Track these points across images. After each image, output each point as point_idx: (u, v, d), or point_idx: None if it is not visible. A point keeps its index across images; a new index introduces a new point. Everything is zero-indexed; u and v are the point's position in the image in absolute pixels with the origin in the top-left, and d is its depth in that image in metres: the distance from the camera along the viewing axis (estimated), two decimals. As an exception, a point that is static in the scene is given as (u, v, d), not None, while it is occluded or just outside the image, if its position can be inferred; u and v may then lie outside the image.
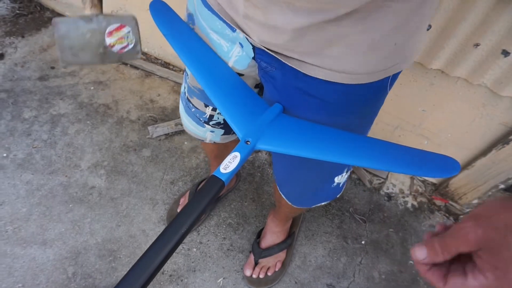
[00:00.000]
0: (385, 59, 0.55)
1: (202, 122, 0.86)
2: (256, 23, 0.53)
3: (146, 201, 1.35)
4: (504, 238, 0.33)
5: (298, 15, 0.48)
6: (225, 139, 0.93)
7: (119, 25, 0.54)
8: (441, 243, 0.36)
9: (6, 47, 1.74)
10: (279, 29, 0.51)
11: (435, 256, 0.36)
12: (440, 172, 0.53)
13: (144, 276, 0.43)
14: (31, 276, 1.16)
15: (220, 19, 0.61)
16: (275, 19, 0.50)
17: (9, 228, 1.24)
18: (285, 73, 0.59)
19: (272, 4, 0.49)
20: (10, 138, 1.44)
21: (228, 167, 0.53)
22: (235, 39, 0.62)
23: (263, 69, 0.63)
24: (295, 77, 0.58)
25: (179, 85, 1.70)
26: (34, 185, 1.34)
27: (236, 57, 0.65)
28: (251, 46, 0.60)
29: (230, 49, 0.65)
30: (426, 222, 1.43)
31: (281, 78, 0.61)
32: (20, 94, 1.57)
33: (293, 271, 1.26)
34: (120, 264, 1.21)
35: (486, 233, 0.33)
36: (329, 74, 0.55)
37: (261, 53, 0.60)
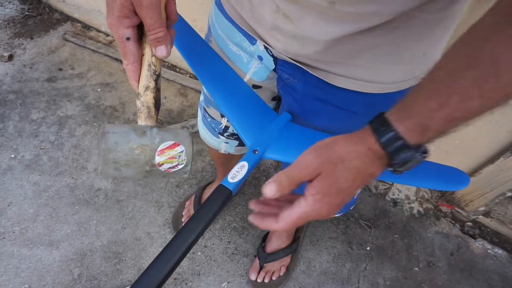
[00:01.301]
0: (414, 68, 0.55)
1: (216, 132, 0.86)
2: (285, 34, 0.53)
3: (151, 204, 1.35)
4: (334, 167, 0.37)
5: (331, 25, 0.48)
6: (239, 150, 0.93)
7: (173, 143, 0.48)
8: (287, 175, 0.39)
9: (15, 48, 1.75)
10: (310, 40, 0.51)
11: (283, 190, 0.39)
12: (449, 185, 0.53)
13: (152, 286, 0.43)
14: (37, 277, 1.17)
15: (240, 31, 0.61)
16: (307, 30, 0.50)
17: (16, 228, 1.25)
18: (306, 83, 0.59)
19: (306, 14, 0.48)
20: (18, 139, 1.45)
21: (236, 177, 0.53)
22: (254, 52, 0.62)
23: (284, 81, 0.63)
24: (317, 88, 0.58)
25: (185, 87, 1.71)
26: (41, 186, 1.35)
27: (255, 69, 0.65)
28: (271, 58, 0.60)
29: (249, 61, 0.65)
30: (432, 228, 1.42)
31: (302, 89, 0.61)
32: (28, 96, 1.59)
33: (297, 276, 1.26)
34: (125, 267, 1.22)
35: (322, 163, 0.37)
36: (357, 84, 0.55)
37: (283, 64, 0.60)
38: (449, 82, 0.34)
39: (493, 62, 0.31)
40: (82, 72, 1.71)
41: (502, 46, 0.31)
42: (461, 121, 0.35)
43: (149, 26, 0.44)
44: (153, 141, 0.47)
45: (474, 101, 0.33)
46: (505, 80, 0.31)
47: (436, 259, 1.35)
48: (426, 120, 0.35)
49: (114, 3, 0.42)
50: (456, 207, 1.45)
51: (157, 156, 0.47)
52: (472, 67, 0.32)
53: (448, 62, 0.35)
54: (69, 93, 1.62)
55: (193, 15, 1.41)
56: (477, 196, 1.36)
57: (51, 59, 1.74)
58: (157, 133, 0.48)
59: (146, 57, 0.48)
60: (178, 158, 0.49)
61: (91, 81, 1.68)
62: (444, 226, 1.43)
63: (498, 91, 0.32)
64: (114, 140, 0.45)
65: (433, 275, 1.31)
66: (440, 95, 0.34)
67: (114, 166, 0.46)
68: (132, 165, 0.46)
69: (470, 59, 0.33)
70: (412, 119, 0.36)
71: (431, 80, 0.36)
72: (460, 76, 0.33)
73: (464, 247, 1.39)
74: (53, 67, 1.71)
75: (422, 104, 0.35)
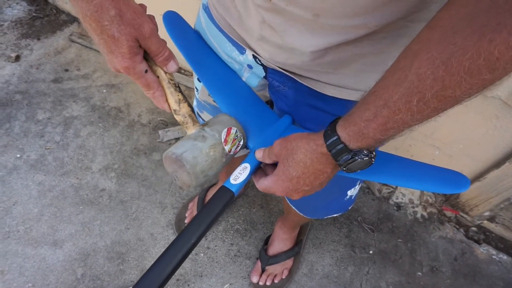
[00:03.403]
0: None
1: None
2: (272, 44, 0.53)
3: (155, 205, 1.36)
4: (287, 157, 0.48)
5: (316, 37, 0.48)
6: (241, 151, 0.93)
7: (227, 129, 0.54)
8: (267, 152, 0.52)
9: (22, 49, 1.77)
10: (296, 51, 0.51)
11: (264, 159, 0.53)
12: (449, 188, 0.53)
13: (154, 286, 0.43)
14: (41, 276, 1.18)
15: (229, 40, 0.61)
16: (292, 42, 0.50)
17: (20, 228, 1.27)
18: (298, 91, 0.59)
19: (290, 26, 0.49)
20: (24, 139, 1.47)
21: (238, 178, 0.53)
22: (243, 62, 0.62)
23: (275, 88, 0.63)
24: (308, 95, 0.58)
25: (190, 89, 1.72)
26: (46, 186, 1.36)
27: (248, 74, 0.65)
28: (261, 67, 0.61)
29: (241, 68, 0.65)
30: (435, 233, 1.41)
31: (294, 96, 0.61)
32: (35, 96, 1.60)
33: (299, 279, 1.26)
34: (128, 267, 1.22)
35: (281, 151, 0.49)
36: (346, 93, 0.56)
37: (273, 72, 0.60)
38: (383, 95, 0.37)
39: (418, 79, 0.34)
40: (88, 73, 1.72)
41: (424, 66, 0.33)
42: (395, 130, 0.38)
43: (155, 51, 0.46)
44: (215, 138, 0.53)
45: (403, 114, 0.36)
46: (429, 96, 0.34)
47: (440, 264, 1.34)
48: (363, 128, 0.39)
49: (120, 48, 0.42)
50: (460, 212, 1.44)
51: (224, 146, 0.54)
52: (401, 82, 0.35)
53: (387, 74, 0.38)
54: (74, 94, 1.64)
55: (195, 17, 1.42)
56: (482, 201, 1.35)
57: (57, 60, 1.76)
58: (212, 130, 0.53)
59: (162, 77, 0.51)
60: (237, 138, 0.56)
61: (97, 82, 1.69)
62: (448, 231, 1.42)
63: (425, 106, 0.35)
64: (191, 156, 0.50)
65: (436, 280, 1.30)
66: (374, 106, 0.38)
67: (203, 175, 0.51)
68: (213, 165, 0.52)
69: (401, 74, 0.36)
70: (352, 127, 0.41)
71: (371, 92, 0.39)
72: (392, 90, 0.36)
73: (468, 252, 1.38)
74: (59, 68, 1.72)
75: (360, 114, 0.40)
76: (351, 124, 0.40)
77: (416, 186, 0.54)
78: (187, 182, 0.52)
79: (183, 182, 0.53)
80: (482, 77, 0.31)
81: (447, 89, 0.33)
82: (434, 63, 0.32)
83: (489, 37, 0.29)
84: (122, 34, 0.42)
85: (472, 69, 0.31)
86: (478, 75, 0.31)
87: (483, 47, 0.30)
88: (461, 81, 0.32)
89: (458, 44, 0.31)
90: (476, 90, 0.32)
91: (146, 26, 0.43)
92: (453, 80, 0.32)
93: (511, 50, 0.29)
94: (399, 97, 0.35)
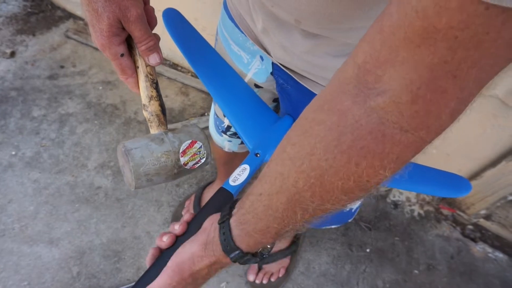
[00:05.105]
0: None
1: (220, 130, 0.86)
2: (272, 40, 0.53)
3: (151, 203, 1.35)
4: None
5: (303, 39, 0.48)
6: (242, 148, 0.93)
7: (191, 141, 0.51)
8: None
9: (17, 45, 1.75)
10: (289, 50, 0.51)
11: None
12: (451, 192, 0.52)
13: None
14: (36, 274, 1.17)
15: (242, 32, 0.61)
16: (282, 41, 0.51)
17: (16, 225, 1.26)
18: (299, 91, 0.59)
19: (280, 25, 0.49)
20: (19, 136, 1.45)
21: (237, 180, 0.53)
22: (256, 52, 0.62)
23: (280, 85, 0.63)
24: (309, 97, 0.58)
25: (187, 86, 1.71)
26: (42, 184, 1.35)
27: (256, 70, 0.65)
28: (270, 61, 0.61)
29: (250, 62, 0.65)
30: (432, 231, 1.41)
31: (295, 96, 0.61)
32: (30, 93, 1.59)
33: (296, 277, 1.26)
34: (124, 265, 1.22)
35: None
36: None
37: (278, 69, 0.60)
38: (271, 204, 0.36)
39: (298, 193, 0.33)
40: (84, 69, 1.71)
41: (301, 180, 0.32)
42: (290, 233, 0.37)
43: (139, 38, 0.45)
44: (174, 145, 0.49)
45: (293, 224, 0.35)
46: (311, 209, 0.33)
47: (436, 262, 1.34)
48: (259, 238, 0.38)
49: (100, 23, 0.42)
50: (457, 210, 1.44)
51: (181, 157, 0.50)
52: (284, 191, 0.34)
53: (268, 177, 0.37)
54: (70, 91, 1.62)
55: (195, 14, 1.41)
56: (478, 200, 1.35)
57: (53, 56, 1.74)
58: (174, 137, 0.50)
59: (141, 69, 0.49)
60: (199, 153, 0.52)
61: (93, 79, 1.68)
62: (445, 229, 1.43)
63: (311, 215, 0.34)
64: (140, 154, 0.47)
65: (433, 278, 1.30)
66: (265, 216, 0.37)
67: (146, 178, 0.48)
68: (161, 172, 0.49)
69: (282, 183, 0.34)
70: (248, 239, 0.39)
71: (257, 194, 0.38)
72: (276, 199, 0.35)
73: (465, 251, 1.38)
74: (54, 64, 1.71)
75: (253, 224, 0.38)
76: (247, 236, 0.39)
77: (417, 189, 0.53)
78: (128, 180, 0.50)
79: (126, 179, 0.51)
80: (357, 194, 0.31)
81: (327, 203, 0.32)
82: (309, 180, 0.31)
83: (355, 160, 0.29)
84: (105, 11, 0.41)
85: (346, 189, 0.30)
86: (353, 193, 0.31)
87: (351, 170, 0.29)
88: (338, 197, 0.31)
89: (329, 161, 0.30)
90: (361, 197, 0.32)
91: (133, 10, 0.43)
92: (329, 196, 0.31)
93: (378, 173, 0.29)
94: (285, 208, 0.34)
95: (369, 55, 0.26)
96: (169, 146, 0.49)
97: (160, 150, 0.48)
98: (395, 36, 0.24)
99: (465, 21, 0.21)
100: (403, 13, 0.23)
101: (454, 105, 0.26)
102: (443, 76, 0.24)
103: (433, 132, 0.28)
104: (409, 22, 0.23)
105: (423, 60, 0.24)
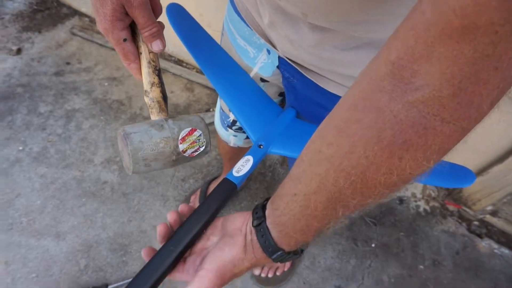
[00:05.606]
0: None
1: (225, 125, 0.87)
2: (279, 33, 0.53)
3: (157, 197, 1.36)
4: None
5: (310, 33, 0.48)
6: (248, 143, 0.93)
7: (190, 129, 0.51)
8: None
9: (23, 42, 1.77)
10: (296, 44, 0.51)
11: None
12: (454, 182, 0.52)
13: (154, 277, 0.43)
14: (44, 267, 1.19)
15: (248, 26, 0.62)
16: (289, 34, 0.51)
17: (23, 219, 1.27)
18: (305, 85, 0.59)
19: (288, 18, 0.49)
20: (26, 132, 1.47)
21: (240, 171, 0.53)
22: (263, 46, 0.62)
23: (286, 79, 0.63)
24: (314, 90, 0.58)
25: (192, 82, 1.71)
26: (49, 179, 1.36)
27: (262, 64, 0.65)
28: (277, 55, 0.61)
29: (256, 56, 0.65)
30: (438, 227, 1.41)
31: (301, 90, 0.61)
32: (36, 89, 1.60)
33: (301, 271, 1.26)
34: (131, 259, 1.23)
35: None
36: None
37: (284, 63, 0.60)
38: (308, 204, 0.35)
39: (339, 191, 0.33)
40: (90, 66, 1.72)
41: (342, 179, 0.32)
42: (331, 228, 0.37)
43: (142, 24, 0.45)
44: (173, 132, 0.49)
45: (334, 220, 0.36)
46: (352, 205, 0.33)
47: (442, 257, 1.34)
48: (299, 237, 0.38)
49: (104, 8, 0.43)
50: (463, 206, 1.44)
51: (180, 144, 0.50)
52: (321, 191, 0.34)
53: (303, 178, 0.36)
54: (76, 87, 1.63)
55: (200, 10, 1.41)
56: (484, 195, 1.35)
57: (58, 53, 1.75)
58: (174, 124, 0.50)
59: (144, 55, 0.49)
60: (198, 141, 0.52)
61: (98, 75, 1.69)
62: (450, 225, 1.42)
63: (351, 210, 0.34)
64: (138, 139, 0.47)
65: (438, 274, 1.30)
66: (304, 216, 0.36)
67: (144, 163, 0.48)
68: (160, 158, 0.49)
69: (319, 183, 0.34)
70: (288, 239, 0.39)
71: (292, 194, 0.38)
72: (314, 199, 0.35)
73: (470, 246, 1.38)
74: (60, 61, 1.72)
75: (292, 225, 0.38)
76: (287, 237, 0.39)
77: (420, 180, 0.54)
78: (127, 164, 0.50)
79: (125, 163, 0.51)
80: (399, 187, 0.31)
81: (368, 199, 0.32)
82: (349, 178, 0.31)
83: (398, 155, 0.29)
84: None
85: (388, 183, 0.31)
86: (395, 186, 0.31)
87: (394, 165, 0.29)
88: (381, 192, 0.31)
89: (370, 158, 0.30)
90: (402, 187, 0.32)
91: None
92: (371, 192, 0.32)
93: (421, 165, 0.29)
94: (325, 207, 0.34)
95: (402, 51, 0.27)
96: (168, 133, 0.49)
97: (159, 136, 0.48)
98: (430, 33, 0.25)
99: (505, 17, 0.21)
100: (438, 11, 0.24)
101: (495, 95, 0.26)
102: (485, 69, 0.24)
103: (474, 121, 0.28)
104: (446, 20, 0.23)
105: (464, 55, 0.24)
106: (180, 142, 0.50)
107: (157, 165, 0.50)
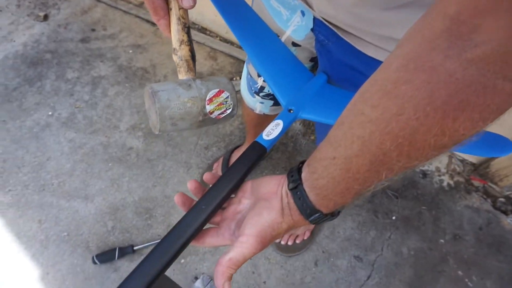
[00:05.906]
0: None
1: (253, 91, 0.86)
2: None
3: (180, 164, 1.39)
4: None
5: None
6: (274, 110, 0.93)
7: (218, 90, 0.50)
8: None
9: (49, 8, 1.78)
10: (337, 2, 0.49)
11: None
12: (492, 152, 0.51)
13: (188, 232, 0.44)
14: (75, 227, 1.25)
15: None
16: None
17: (54, 181, 1.33)
18: (341, 48, 0.57)
19: None
20: (55, 97, 1.51)
21: (270, 134, 0.53)
22: (297, 7, 0.60)
23: (320, 42, 0.61)
24: (351, 54, 0.56)
25: (215, 51, 1.70)
26: (77, 143, 1.41)
27: (295, 27, 0.64)
28: (312, 16, 0.59)
29: (289, 18, 0.63)
30: (461, 202, 1.39)
31: (336, 53, 0.59)
32: (64, 55, 1.63)
33: (321, 240, 1.28)
34: (155, 222, 1.27)
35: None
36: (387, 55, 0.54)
37: (320, 25, 0.58)
38: (350, 167, 0.35)
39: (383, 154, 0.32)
40: (114, 33, 1.72)
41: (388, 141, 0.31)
42: (371, 190, 0.37)
43: None
44: (201, 92, 0.49)
45: (376, 183, 0.35)
46: (397, 168, 0.32)
47: (464, 232, 1.33)
48: (339, 199, 0.38)
49: None
50: (489, 182, 1.40)
51: (207, 105, 0.49)
52: (364, 154, 0.33)
53: (343, 140, 0.36)
54: (102, 54, 1.65)
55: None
56: (512, 171, 1.31)
57: (84, 19, 1.76)
58: (201, 84, 0.49)
59: (173, 12, 0.48)
60: (225, 103, 0.51)
61: (123, 43, 1.69)
62: (474, 201, 1.40)
63: (394, 173, 0.33)
64: (166, 97, 0.46)
65: (459, 248, 1.30)
66: (344, 180, 0.36)
67: (171, 122, 0.48)
68: (186, 117, 0.48)
69: (361, 146, 0.33)
70: (328, 203, 0.39)
71: (331, 158, 0.37)
72: (356, 162, 0.34)
73: (495, 223, 1.35)
74: (86, 27, 1.73)
75: (333, 188, 0.38)
76: (325, 200, 0.38)
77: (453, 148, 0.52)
78: (154, 123, 0.49)
79: (152, 122, 0.51)
80: (449, 148, 0.30)
81: (415, 161, 0.31)
82: (396, 140, 0.30)
83: (453, 115, 0.27)
84: None
85: (438, 145, 0.29)
86: (444, 148, 0.30)
87: (447, 126, 0.28)
88: (429, 153, 0.30)
89: (421, 119, 0.29)
90: (451, 149, 0.31)
91: None
92: (419, 154, 0.30)
93: (476, 125, 0.28)
94: (367, 170, 0.33)
95: (463, 5, 0.25)
96: (196, 92, 0.48)
97: (186, 95, 0.48)
98: None
99: None
100: None
101: None
102: None
103: None
104: None
105: None
106: (207, 103, 0.49)
107: (184, 124, 0.49)
